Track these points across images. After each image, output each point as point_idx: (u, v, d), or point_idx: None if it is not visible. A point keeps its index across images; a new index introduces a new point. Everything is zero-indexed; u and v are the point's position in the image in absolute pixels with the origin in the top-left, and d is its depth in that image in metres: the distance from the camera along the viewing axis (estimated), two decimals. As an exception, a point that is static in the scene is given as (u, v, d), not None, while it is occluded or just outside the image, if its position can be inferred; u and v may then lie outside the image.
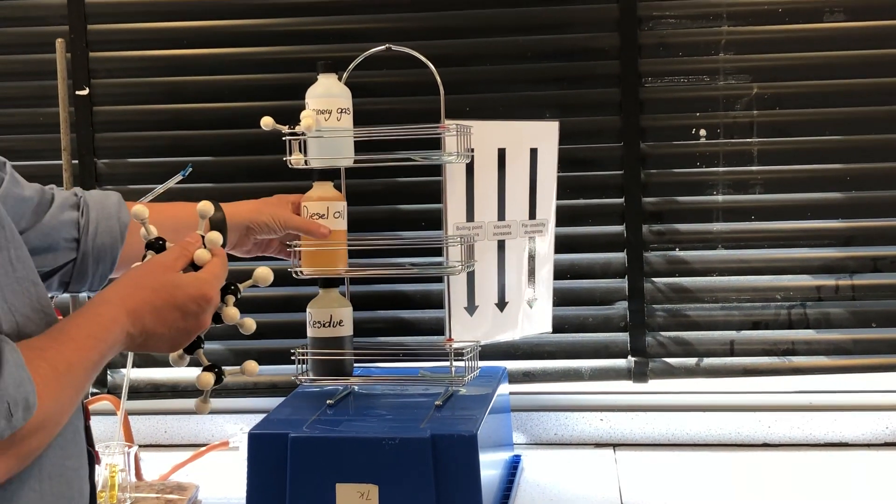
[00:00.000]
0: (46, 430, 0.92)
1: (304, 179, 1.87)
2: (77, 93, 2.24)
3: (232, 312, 1.22)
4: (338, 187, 1.85)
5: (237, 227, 1.57)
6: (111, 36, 2.26)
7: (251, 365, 1.26)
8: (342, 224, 1.78)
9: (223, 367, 1.24)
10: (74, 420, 1.03)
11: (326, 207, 1.75)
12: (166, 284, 1.09)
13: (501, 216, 1.90)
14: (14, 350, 0.89)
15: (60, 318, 1.05)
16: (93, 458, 1.11)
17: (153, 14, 2.25)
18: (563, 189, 2.14)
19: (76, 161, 2.23)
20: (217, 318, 1.21)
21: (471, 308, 1.85)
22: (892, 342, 2.17)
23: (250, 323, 1.27)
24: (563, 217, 2.13)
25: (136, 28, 2.26)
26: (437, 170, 1.82)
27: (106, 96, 2.27)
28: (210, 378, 1.22)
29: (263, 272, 1.28)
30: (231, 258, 1.24)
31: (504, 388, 1.96)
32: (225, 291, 1.21)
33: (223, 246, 1.36)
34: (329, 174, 1.81)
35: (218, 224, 1.45)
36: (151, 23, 2.26)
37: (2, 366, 0.86)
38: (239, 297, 1.24)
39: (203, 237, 1.19)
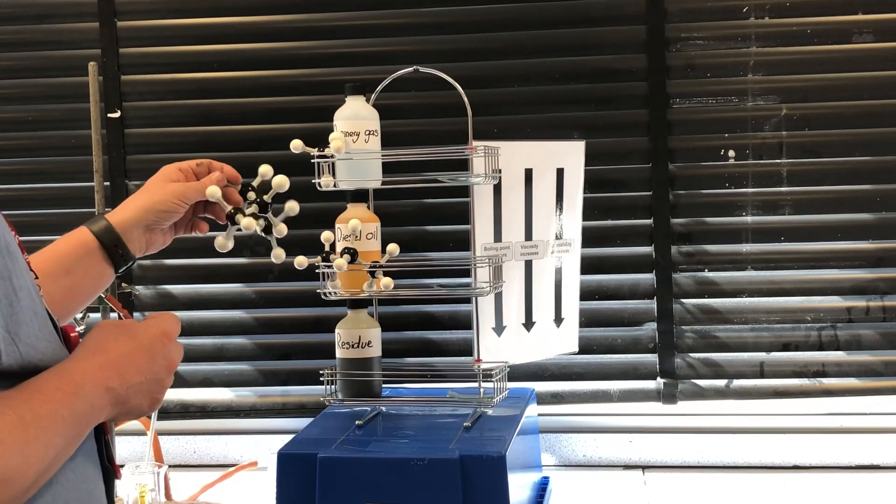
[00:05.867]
0: (13, 484, 0.87)
1: (332, 200, 1.88)
2: (109, 115, 2.27)
3: (247, 223, 1.33)
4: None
5: (132, 234, 1.37)
6: (142, 59, 2.29)
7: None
8: (375, 245, 1.79)
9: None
10: (86, 443, 1.02)
11: (360, 229, 1.76)
12: (125, 330, 1.07)
13: (529, 236, 1.90)
14: None
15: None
16: (111, 474, 1.10)
17: (184, 38, 2.28)
18: (592, 210, 2.14)
19: (108, 183, 2.25)
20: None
21: (499, 329, 1.85)
22: (924, 364, 2.16)
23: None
24: (592, 238, 2.13)
25: (166, 51, 2.29)
26: (465, 191, 1.82)
27: (137, 119, 2.30)
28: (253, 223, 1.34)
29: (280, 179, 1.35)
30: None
31: (532, 410, 1.95)
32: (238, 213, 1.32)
33: (129, 259, 1.36)
34: (362, 195, 1.82)
35: (110, 238, 1.34)
36: (182, 46, 2.28)
37: None
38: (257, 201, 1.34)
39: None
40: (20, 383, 0.93)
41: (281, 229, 1.35)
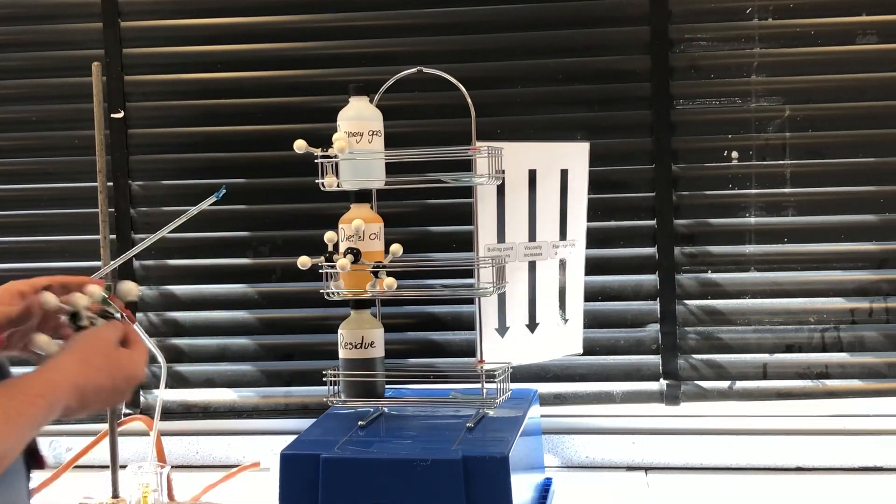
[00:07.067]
0: None
1: (335, 201, 1.88)
2: (112, 115, 2.27)
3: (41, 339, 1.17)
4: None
5: None
6: (146, 60, 2.29)
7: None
8: (378, 245, 1.79)
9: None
10: None
11: (363, 229, 1.76)
12: (110, 365, 1.11)
13: (532, 237, 1.90)
14: None
15: None
16: (29, 465, 1.13)
17: (187, 38, 2.28)
18: (595, 211, 2.14)
19: (111, 183, 2.25)
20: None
21: (502, 329, 1.85)
22: (927, 366, 2.15)
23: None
24: (595, 239, 2.13)
25: (170, 52, 2.29)
26: (468, 191, 1.82)
27: (140, 119, 2.30)
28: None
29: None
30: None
31: (535, 411, 1.95)
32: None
33: None
34: (366, 196, 1.82)
35: None
36: (185, 47, 2.28)
37: None
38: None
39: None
40: None
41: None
